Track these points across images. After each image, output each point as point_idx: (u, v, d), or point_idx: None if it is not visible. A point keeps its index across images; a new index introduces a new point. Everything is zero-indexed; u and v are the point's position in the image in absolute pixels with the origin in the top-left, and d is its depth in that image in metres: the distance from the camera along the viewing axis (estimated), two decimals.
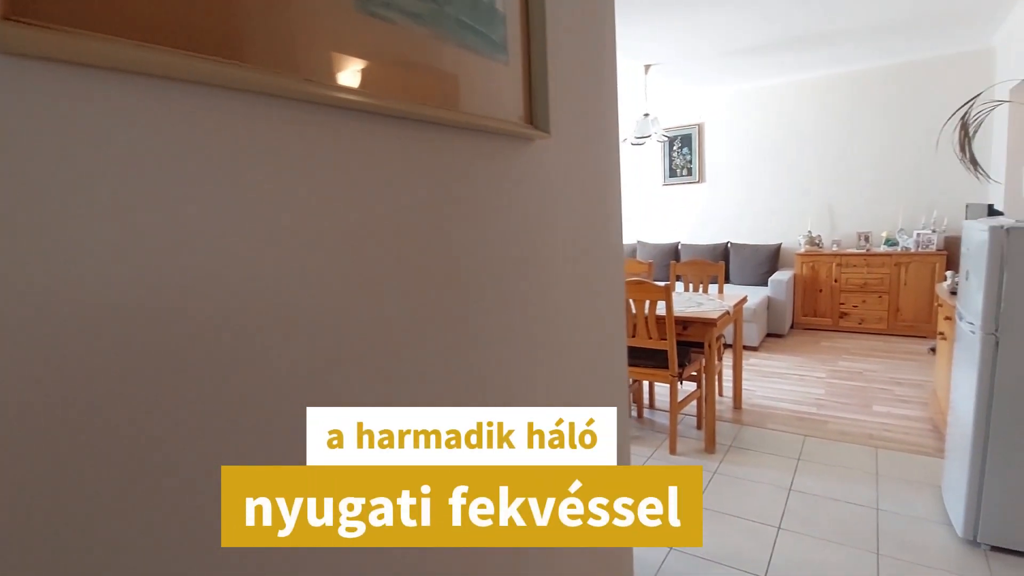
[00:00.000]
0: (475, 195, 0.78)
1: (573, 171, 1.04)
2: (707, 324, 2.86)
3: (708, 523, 2.25)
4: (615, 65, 1.20)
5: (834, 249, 5.15)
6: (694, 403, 3.24)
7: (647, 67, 4.60)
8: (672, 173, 6.23)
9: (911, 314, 4.78)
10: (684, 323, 2.91)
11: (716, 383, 3.22)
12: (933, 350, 3.96)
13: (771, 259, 5.39)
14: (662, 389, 3.57)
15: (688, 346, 3.04)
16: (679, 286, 3.96)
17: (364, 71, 0.59)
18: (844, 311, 5.06)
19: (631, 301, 2.83)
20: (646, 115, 4.82)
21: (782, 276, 5.10)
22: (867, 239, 5.09)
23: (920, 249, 4.70)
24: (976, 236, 1.98)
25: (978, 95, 2.07)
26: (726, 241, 5.81)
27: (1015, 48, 3.83)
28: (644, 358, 2.95)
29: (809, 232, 5.36)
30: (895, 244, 4.92)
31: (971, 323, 1.99)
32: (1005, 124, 3.86)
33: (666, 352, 2.82)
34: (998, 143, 4.09)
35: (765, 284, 5.23)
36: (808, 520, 2.23)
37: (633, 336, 2.89)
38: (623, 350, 1.29)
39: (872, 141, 5.11)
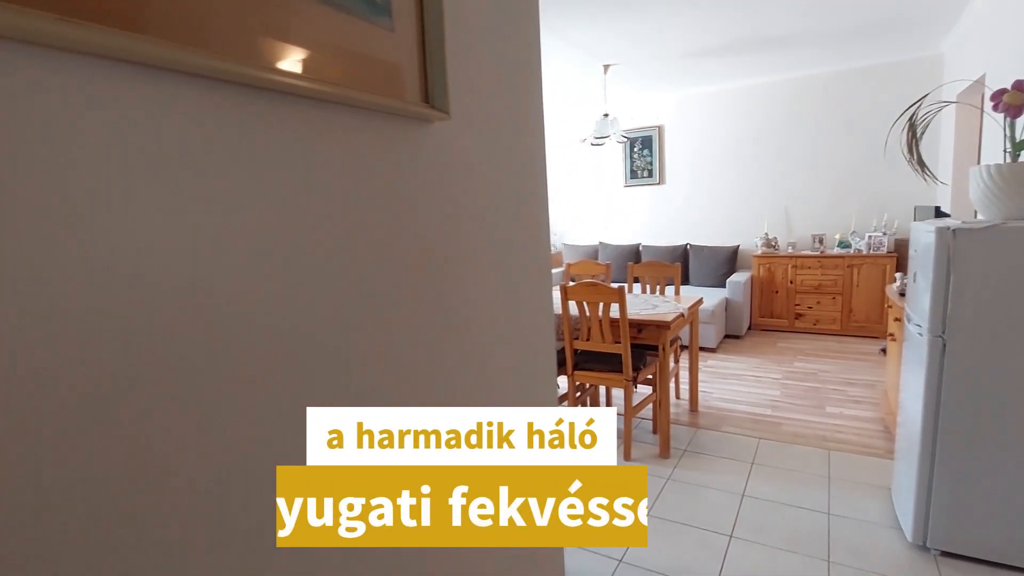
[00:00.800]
0: (353, 182, 0.65)
1: (484, 158, 0.93)
2: (661, 327, 2.81)
3: (659, 533, 2.18)
4: (538, 41, 1.09)
5: (790, 251, 5.23)
6: (650, 407, 3.16)
7: (606, 67, 4.58)
8: (633, 175, 6.23)
9: (863, 315, 4.87)
10: (638, 326, 2.85)
11: (670, 387, 3.16)
12: (884, 351, 4.01)
13: (729, 261, 5.42)
14: (619, 393, 3.49)
15: (643, 349, 2.99)
16: (636, 288, 3.90)
17: (198, 27, 0.45)
18: (799, 312, 5.12)
19: (584, 304, 2.74)
20: (605, 115, 4.80)
21: (740, 278, 5.14)
22: (821, 241, 5.18)
23: (871, 251, 4.81)
24: (923, 238, 1.96)
25: (925, 96, 2.05)
26: (686, 243, 5.84)
27: (963, 53, 3.94)
28: (598, 362, 2.89)
29: (766, 234, 5.42)
30: (848, 246, 5.01)
31: (919, 325, 1.96)
32: (952, 127, 3.92)
33: (620, 356, 2.74)
34: (945, 146, 4.20)
35: (723, 286, 5.28)
36: (760, 527, 2.19)
37: (587, 340, 2.80)
38: (551, 351, 1.19)
39: (825, 145, 5.22)
